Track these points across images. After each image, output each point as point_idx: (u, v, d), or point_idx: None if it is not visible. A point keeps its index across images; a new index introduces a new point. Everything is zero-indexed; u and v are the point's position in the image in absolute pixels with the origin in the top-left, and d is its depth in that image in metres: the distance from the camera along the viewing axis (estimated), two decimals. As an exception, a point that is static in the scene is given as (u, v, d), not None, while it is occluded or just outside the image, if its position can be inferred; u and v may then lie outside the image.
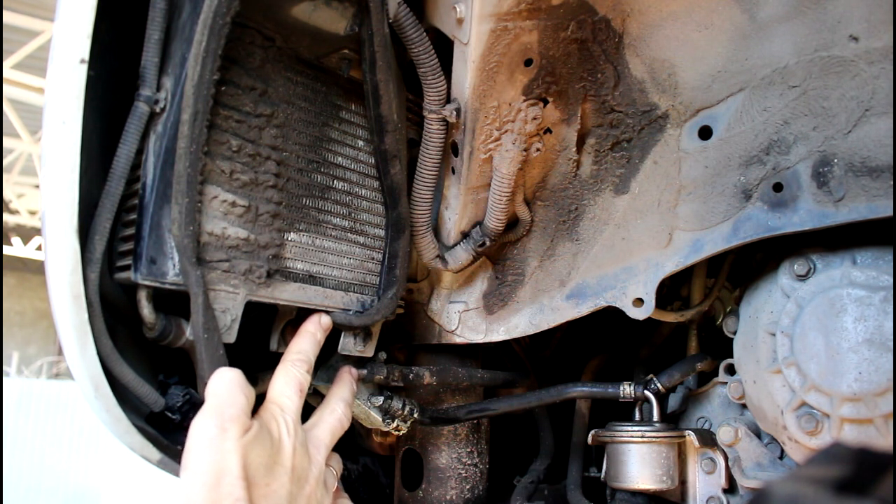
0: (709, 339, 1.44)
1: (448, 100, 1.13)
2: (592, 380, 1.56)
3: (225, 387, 0.90)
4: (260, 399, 1.02)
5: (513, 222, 1.29)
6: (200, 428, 0.86)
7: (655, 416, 1.30)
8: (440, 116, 1.13)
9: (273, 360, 1.07)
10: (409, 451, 1.43)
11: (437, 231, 1.28)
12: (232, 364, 0.95)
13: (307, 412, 1.18)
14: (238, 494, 0.83)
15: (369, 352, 1.20)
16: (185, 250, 0.91)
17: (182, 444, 0.88)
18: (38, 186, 12.63)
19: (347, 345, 1.16)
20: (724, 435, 1.26)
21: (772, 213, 1.08)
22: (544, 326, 1.28)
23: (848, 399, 1.04)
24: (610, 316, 1.28)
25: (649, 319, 1.21)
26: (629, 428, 1.28)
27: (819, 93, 1.05)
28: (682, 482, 1.29)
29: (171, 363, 1.08)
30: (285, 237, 1.06)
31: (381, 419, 1.23)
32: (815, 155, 1.05)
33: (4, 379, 9.00)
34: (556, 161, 1.24)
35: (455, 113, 1.12)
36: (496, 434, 1.54)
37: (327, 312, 1.12)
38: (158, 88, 0.95)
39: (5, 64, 8.86)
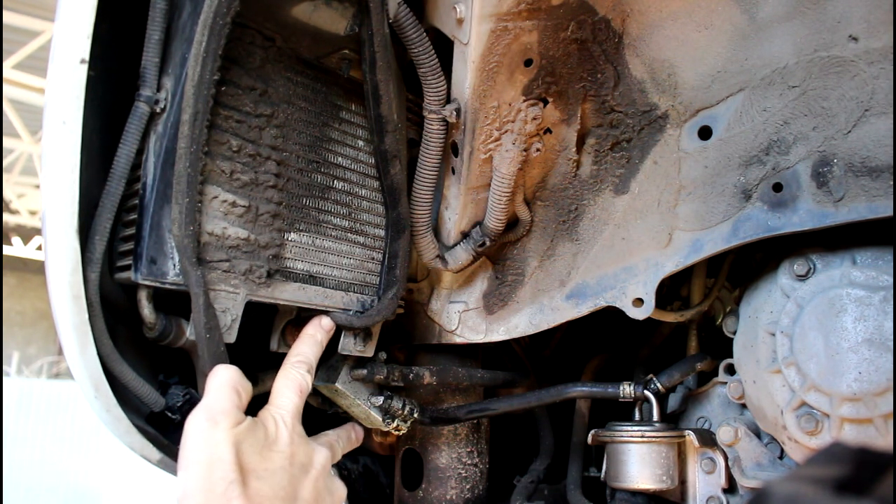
0: (709, 339, 1.44)
1: (448, 100, 1.13)
2: (592, 380, 1.56)
3: (218, 383, 0.92)
4: (260, 399, 1.02)
5: (513, 222, 1.29)
6: (193, 423, 0.88)
7: (655, 416, 1.30)
8: (440, 116, 1.13)
9: (273, 360, 1.07)
10: (409, 451, 1.43)
11: (437, 231, 1.28)
12: (233, 363, 0.96)
13: (308, 412, 1.18)
14: (232, 478, 0.84)
15: (369, 352, 1.20)
16: (185, 250, 0.91)
17: None
18: (38, 186, 12.63)
19: (347, 345, 1.17)
20: (723, 435, 1.26)
21: (771, 213, 1.08)
22: (544, 326, 1.28)
23: (848, 399, 1.04)
24: (610, 316, 1.28)
25: (649, 319, 1.21)
26: (629, 428, 1.28)
27: (819, 93, 1.05)
28: (682, 482, 1.29)
29: (171, 363, 1.08)
30: (285, 237, 1.06)
31: (381, 419, 1.23)
32: (814, 155, 1.05)
33: (4, 379, 9.00)
34: (556, 161, 1.24)
35: (455, 113, 1.12)
36: (496, 434, 1.54)
37: (327, 313, 1.12)
38: (159, 88, 0.95)
39: (5, 64, 8.85)
